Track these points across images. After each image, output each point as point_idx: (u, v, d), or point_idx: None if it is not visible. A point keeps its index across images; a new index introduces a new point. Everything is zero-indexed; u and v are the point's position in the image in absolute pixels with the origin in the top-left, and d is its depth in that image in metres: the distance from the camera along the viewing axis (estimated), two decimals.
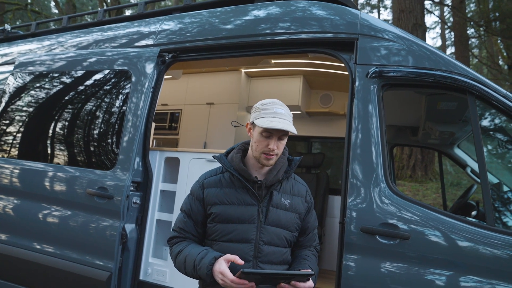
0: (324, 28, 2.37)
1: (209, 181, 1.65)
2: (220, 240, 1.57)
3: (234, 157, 1.63)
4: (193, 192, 1.67)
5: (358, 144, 2.09)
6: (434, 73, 2.05)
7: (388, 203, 1.95)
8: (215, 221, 1.58)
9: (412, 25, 9.16)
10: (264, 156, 1.55)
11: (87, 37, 3.28)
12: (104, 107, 2.78)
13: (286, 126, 1.50)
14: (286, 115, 1.56)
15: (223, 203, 1.58)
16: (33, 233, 2.72)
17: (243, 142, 1.71)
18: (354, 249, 1.96)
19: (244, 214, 1.56)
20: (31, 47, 3.59)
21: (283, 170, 1.64)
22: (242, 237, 1.55)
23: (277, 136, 1.53)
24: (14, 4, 14.85)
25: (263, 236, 1.56)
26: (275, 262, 1.59)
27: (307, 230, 1.74)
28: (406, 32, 2.29)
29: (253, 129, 1.59)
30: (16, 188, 2.90)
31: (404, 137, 3.61)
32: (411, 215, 1.90)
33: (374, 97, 2.13)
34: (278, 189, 1.64)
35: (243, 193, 1.59)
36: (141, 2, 3.27)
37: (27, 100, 3.10)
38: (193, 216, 1.64)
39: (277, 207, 1.61)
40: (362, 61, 2.20)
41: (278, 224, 1.60)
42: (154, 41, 2.91)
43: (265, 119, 1.50)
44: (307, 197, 1.75)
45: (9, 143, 3.08)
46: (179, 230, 1.67)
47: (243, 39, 2.59)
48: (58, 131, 2.88)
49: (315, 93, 4.59)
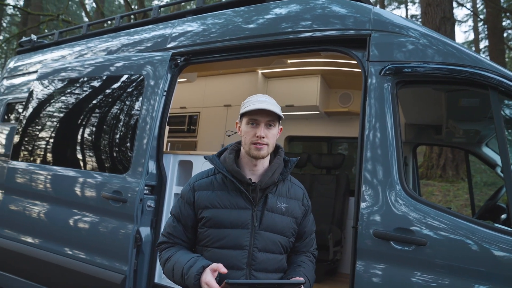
0: (335, 25, 2.29)
1: (200, 183, 1.57)
2: (211, 246, 1.49)
3: (227, 157, 1.55)
4: (183, 195, 1.59)
5: (372, 144, 2.00)
6: (452, 68, 1.92)
7: (403, 207, 1.85)
8: (207, 225, 1.50)
9: (439, 18, 8.79)
10: (254, 147, 1.47)
11: (102, 44, 3.35)
12: (118, 112, 2.82)
13: (270, 106, 1.45)
14: (271, 102, 1.51)
15: (215, 207, 1.50)
16: (50, 235, 2.81)
17: (236, 142, 1.63)
18: (367, 255, 1.87)
19: (237, 218, 1.48)
20: (52, 56, 3.72)
21: (279, 171, 1.56)
22: (235, 243, 1.47)
23: (264, 123, 1.47)
24: (48, 16, 15.55)
25: (257, 242, 1.48)
26: (270, 270, 1.51)
27: (304, 235, 1.66)
28: (422, 26, 2.18)
29: (241, 124, 1.55)
30: (31, 191, 3.00)
31: (427, 136, 3.45)
32: (428, 220, 1.79)
33: (388, 95, 2.03)
34: (274, 191, 1.56)
35: (236, 196, 1.51)
36: (155, 7, 3.30)
37: (45, 107, 3.20)
38: (183, 220, 1.56)
39: (273, 211, 1.52)
40: (375, 58, 2.10)
41: (274, 229, 1.51)
42: (166, 45, 2.92)
43: (249, 107, 1.47)
44: (304, 200, 1.67)
45: (27, 147, 3.19)
46: (168, 235, 1.59)
47: (253, 39, 2.55)
48: (74, 136, 2.95)
49: (334, 92, 4.48)
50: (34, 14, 16.23)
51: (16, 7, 22.16)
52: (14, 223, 3.07)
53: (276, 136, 1.55)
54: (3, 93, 4.03)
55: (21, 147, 3.21)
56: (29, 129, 3.22)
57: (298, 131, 4.71)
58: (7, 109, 3.91)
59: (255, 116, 1.47)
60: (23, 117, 3.29)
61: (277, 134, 1.55)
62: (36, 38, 4.20)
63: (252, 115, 1.48)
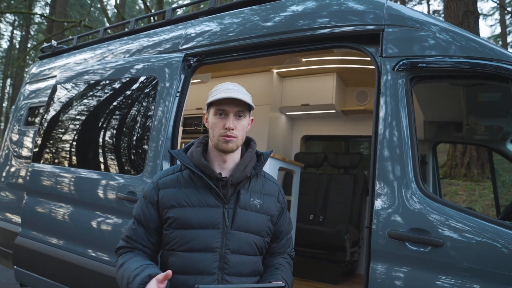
0: (348, 21, 2.24)
1: (165, 180, 1.43)
2: (178, 250, 1.34)
3: (194, 151, 1.42)
4: (145, 195, 1.45)
5: (386, 142, 1.94)
6: (470, 61, 1.84)
7: (419, 206, 1.78)
8: (172, 227, 1.35)
9: (462, 12, 8.51)
10: (223, 139, 1.36)
11: (117, 48, 3.42)
12: (133, 114, 2.86)
13: (239, 95, 1.35)
14: (241, 90, 1.41)
15: (181, 206, 1.35)
16: (69, 235, 2.87)
17: (204, 135, 1.52)
18: (381, 256, 1.82)
19: (207, 218, 1.34)
20: (71, 60, 3.81)
21: (252, 165, 1.44)
22: (205, 245, 1.32)
23: (233, 113, 1.37)
24: (71, 22, 16.03)
25: (230, 243, 1.34)
26: (244, 274, 1.37)
27: (280, 234, 1.54)
28: (439, 20, 2.10)
29: (208, 115, 1.44)
30: (50, 192, 3.07)
31: (448, 133, 3.33)
32: (445, 220, 1.72)
33: (402, 91, 1.96)
34: (247, 187, 1.43)
35: (205, 193, 1.37)
36: (168, 9, 3.33)
37: (62, 110, 3.29)
38: (145, 222, 1.41)
39: (246, 209, 1.40)
40: (389, 54, 2.04)
41: (247, 229, 1.38)
42: (179, 46, 2.94)
43: (216, 96, 1.36)
44: (280, 197, 1.54)
45: (45, 149, 3.27)
46: (127, 239, 1.43)
47: (265, 38, 2.53)
48: (90, 137, 3.01)
49: (351, 90, 4.40)
50: (58, 21, 16.79)
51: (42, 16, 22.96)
52: (37, 224, 3.15)
53: (246, 128, 1.44)
54: (26, 98, 4.17)
55: (40, 149, 3.30)
56: (48, 131, 3.30)
57: (315, 130, 4.66)
58: (29, 112, 4.04)
59: (223, 106, 1.37)
60: (43, 120, 3.38)
61: (247, 125, 1.44)
62: (56, 43, 4.32)
63: (220, 105, 1.37)
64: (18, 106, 4.20)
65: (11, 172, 3.89)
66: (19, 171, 3.78)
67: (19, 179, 3.74)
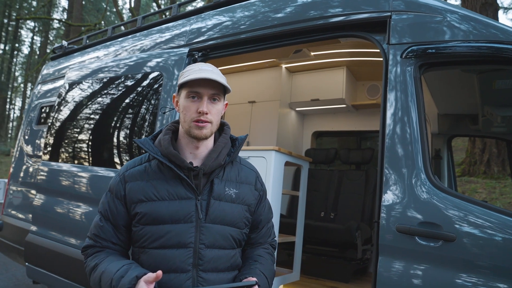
0: (354, 9, 2.16)
1: (132, 172, 1.31)
2: (149, 247, 1.24)
3: (162, 139, 1.30)
4: (111, 188, 1.33)
5: (394, 132, 1.86)
6: (490, 46, 1.73)
7: (429, 199, 1.69)
8: (142, 223, 1.25)
9: (480, 4, 8.25)
10: (195, 125, 1.24)
11: (124, 45, 3.43)
12: (139, 110, 2.85)
13: (215, 76, 1.22)
14: (215, 71, 1.28)
15: (150, 200, 1.25)
16: (77, 232, 2.88)
17: (173, 121, 1.40)
18: (390, 251, 1.73)
19: (179, 211, 1.24)
20: (80, 59, 3.85)
21: (225, 152, 1.34)
22: (178, 240, 1.23)
23: (207, 96, 1.25)
24: (86, 26, 16.35)
25: (204, 237, 1.25)
26: (221, 269, 1.28)
27: (259, 224, 1.44)
28: (449, 4, 2.00)
29: (179, 97, 1.31)
30: (58, 189, 3.09)
31: (463, 126, 3.20)
32: (458, 213, 1.62)
33: (410, 79, 1.88)
34: (221, 176, 1.33)
35: (176, 185, 1.27)
36: (174, 5, 3.31)
37: (69, 107, 3.31)
38: (112, 219, 1.30)
39: (220, 199, 1.30)
40: (396, 41, 1.96)
41: (223, 221, 1.29)
42: (184, 41, 2.92)
43: (189, 76, 1.23)
44: (258, 185, 1.44)
45: (53, 147, 3.30)
46: (95, 237, 1.31)
47: (269, 30, 2.47)
48: (98, 135, 3.01)
49: (361, 84, 4.29)
50: (75, 26, 17.16)
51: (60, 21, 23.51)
52: (47, 222, 3.18)
53: (221, 113, 1.32)
54: (38, 98, 4.23)
55: (50, 147, 3.34)
56: (57, 129, 3.33)
57: (325, 126, 4.57)
58: (41, 112, 4.09)
59: (196, 88, 1.24)
60: (53, 118, 3.41)
61: (222, 110, 1.33)
62: (67, 44, 4.37)
63: (193, 87, 1.24)
64: (31, 106, 4.27)
65: (24, 170, 3.95)
66: (31, 170, 3.84)
67: (31, 177, 3.79)
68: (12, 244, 3.69)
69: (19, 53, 37.20)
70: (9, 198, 4.07)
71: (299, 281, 3.10)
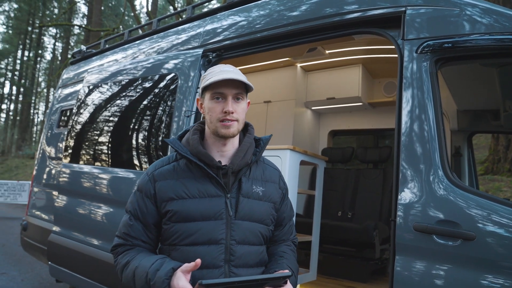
0: (368, 4, 2.14)
1: (161, 172, 1.34)
2: (180, 244, 1.27)
3: (190, 139, 1.33)
4: (140, 188, 1.36)
5: (410, 129, 1.82)
6: (503, 37, 1.68)
7: (447, 197, 1.65)
8: (173, 220, 1.28)
9: None
10: (222, 124, 1.28)
11: (140, 49, 3.48)
12: (154, 112, 2.89)
13: (237, 76, 1.26)
14: (236, 72, 1.31)
15: (181, 198, 1.28)
16: (97, 232, 2.94)
17: (199, 122, 1.44)
18: (407, 250, 1.70)
19: (209, 208, 1.27)
20: (98, 63, 3.94)
21: (251, 151, 1.37)
22: (209, 237, 1.26)
23: (231, 96, 1.28)
24: (105, 31, 16.72)
25: (235, 234, 1.28)
26: (251, 265, 1.32)
27: (283, 221, 1.48)
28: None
29: (204, 100, 1.34)
30: (77, 190, 3.17)
31: (484, 122, 3.11)
32: (478, 211, 1.57)
33: (426, 74, 1.84)
34: (247, 175, 1.36)
35: (205, 183, 1.29)
36: (189, 7, 3.35)
37: (88, 111, 3.39)
38: (142, 217, 1.33)
39: (249, 197, 1.33)
40: (411, 36, 1.92)
41: (252, 218, 1.32)
42: (199, 42, 2.95)
43: (212, 79, 1.27)
44: (281, 183, 1.49)
45: (72, 149, 3.38)
46: (125, 236, 1.35)
47: (284, 28, 2.47)
48: (116, 136, 3.07)
49: (378, 82, 4.23)
50: (94, 31, 17.57)
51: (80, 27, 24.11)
52: (68, 222, 3.26)
53: (245, 111, 1.36)
54: (59, 102, 4.36)
55: (70, 149, 3.43)
56: (77, 131, 3.42)
57: (342, 124, 4.52)
58: (61, 115, 4.21)
59: (220, 89, 1.28)
60: (73, 121, 3.51)
61: (246, 108, 1.36)
62: (86, 48, 4.48)
63: (217, 88, 1.28)
64: (52, 110, 4.40)
65: (46, 172, 4.07)
66: (53, 172, 3.95)
67: (53, 179, 3.90)
68: (36, 243, 3.81)
69: (42, 59, 38.44)
70: (32, 199, 4.20)
71: (316, 281, 3.08)
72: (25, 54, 36.33)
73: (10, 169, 23.50)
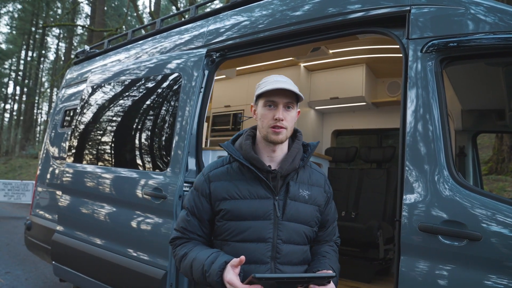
0: (371, 3, 2.13)
1: (216, 173, 1.47)
2: (232, 240, 1.40)
3: (243, 143, 1.46)
4: (197, 187, 1.50)
5: (415, 128, 1.82)
6: (509, 36, 1.67)
7: (453, 197, 1.64)
8: (225, 218, 1.41)
9: None
10: (272, 131, 1.38)
11: (144, 47, 3.49)
12: (158, 111, 2.89)
13: (289, 86, 1.36)
14: (289, 82, 1.42)
15: (233, 198, 1.41)
16: (100, 232, 2.94)
17: (251, 127, 1.54)
18: (412, 251, 1.70)
19: (258, 209, 1.39)
20: (101, 63, 3.94)
21: (299, 157, 1.47)
22: (258, 236, 1.38)
23: (282, 104, 1.38)
24: (108, 31, 16.76)
25: (282, 233, 1.39)
26: (295, 263, 1.42)
27: (326, 223, 1.59)
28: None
29: (257, 107, 1.45)
30: (81, 189, 3.17)
31: (489, 122, 3.09)
32: (484, 211, 1.56)
33: (431, 74, 1.83)
34: (295, 179, 1.47)
35: (256, 185, 1.41)
36: (192, 7, 3.35)
37: (91, 110, 3.40)
38: (198, 214, 1.48)
39: (295, 200, 1.44)
40: (416, 35, 1.91)
41: (297, 219, 1.43)
42: (202, 42, 2.94)
43: (266, 87, 1.37)
44: (326, 187, 1.60)
45: (76, 148, 3.39)
46: (183, 230, 1.50)
47: (287, 28, 2.46)
48: (120, 136, 3.08)
49: (381, 81, 4.22)
50: (97, 31, 17.62)
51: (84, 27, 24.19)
52: (72, 221, 3.27)
53: (295, 119, 1.45)
54: (62, 102, 4.37)
55: (73, 148, 3.44)
56: (80, 131, 3.43)
57: (345, 124, 4.51)
58: (65, 115, 4.22)
59: (272, 98, 1.38)
60: (76, 120, 3.52)
61: (295, 116, 1.46)
62: (89, 48, 4.49)
63: (270, 96, 1.39)
64: (55, 110, 4.41)
65: (49, 172, 4.08)
66: (57, 172, 3.96)
67: (57, 179, 3.91)
68: (40, 243, 3.82)
69: (46, 60, 38.59)
70: (36, 199, 4.22)
71: None
72: (28, 55, 36.50)
73: (14, 169, 23.61)
